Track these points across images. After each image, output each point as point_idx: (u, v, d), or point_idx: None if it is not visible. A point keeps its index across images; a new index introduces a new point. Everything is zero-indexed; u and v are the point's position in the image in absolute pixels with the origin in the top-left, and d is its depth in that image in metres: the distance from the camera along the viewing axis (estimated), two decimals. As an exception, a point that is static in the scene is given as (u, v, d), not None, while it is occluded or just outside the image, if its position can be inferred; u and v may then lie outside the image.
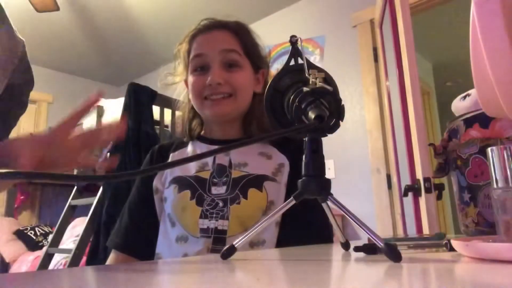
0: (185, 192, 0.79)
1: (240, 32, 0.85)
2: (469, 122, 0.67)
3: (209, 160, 0.83)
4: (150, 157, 0.91)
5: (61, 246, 2.49)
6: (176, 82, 0.93)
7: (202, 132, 0.92)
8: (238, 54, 0.83)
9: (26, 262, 2.82)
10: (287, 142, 0.85)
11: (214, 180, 0.80)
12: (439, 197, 1.50)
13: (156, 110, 1.62)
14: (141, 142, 1.41)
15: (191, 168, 0.83)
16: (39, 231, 3.20)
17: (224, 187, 0.78)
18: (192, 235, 0.76)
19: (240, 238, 0.44)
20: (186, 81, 0.90)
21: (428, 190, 1.27)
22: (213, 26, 0.85)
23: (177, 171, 0.83)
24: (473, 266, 0.34)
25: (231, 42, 0.83)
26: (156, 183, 0.85)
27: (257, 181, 0.79)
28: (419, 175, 1.32)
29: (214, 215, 0.76)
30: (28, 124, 3.87)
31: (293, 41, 0.49)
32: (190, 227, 0.77)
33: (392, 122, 2.04)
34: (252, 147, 0.84)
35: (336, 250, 0.55)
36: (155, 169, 0.86)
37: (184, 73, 0.89)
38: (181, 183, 0.81)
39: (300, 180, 0.43)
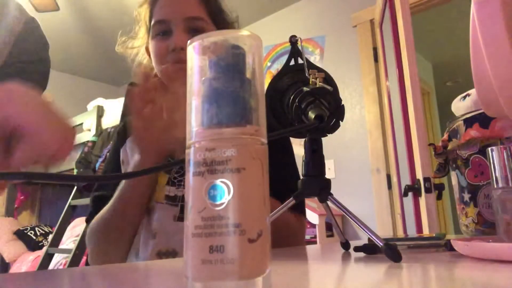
0: None
1: None
2: (469, 122, 0.67)
3: None
4: (119, 137, 0.85)
5: (61, 246, 2.49)
6: (136, 47, 0.84)
7: None
8: (205, 22, 0.75)
9: (26, 262, 2.82)
10: None
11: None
12: (439, 197, 1.50)
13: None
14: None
15: None
16: (39, 231, 3.20)
17: None
18: (157, 201, 0.72)
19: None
20: (147, 48, 0.83)
21: (428, 190, 1.27)
22: None
23: None
24: (473, 266, 0.34)
25: (197, 8, 0.75)
26: (122, 155, 0.79)
27: None
28: (419, 175, 1.32)
29: (182, 183, 0.73)
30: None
31: (293, 41, 0.49)
32: (156, 193, 0.73)
33: (392, 122, 2.04)
34: None
35: (336, 250, 0.55)
36: (155, 170, 0.85)
37: (146, 37, 0.82)
38: None
39: (300, 180, 0.43)
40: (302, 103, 0.41)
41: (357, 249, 0.45)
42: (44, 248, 2.54)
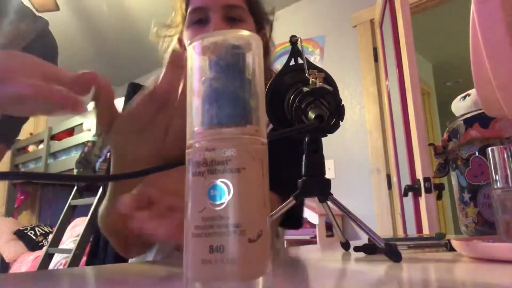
0: None
1: None
2: (469, 122, 0.67)
3: None
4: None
5: (61, 246, 2.49)
6: (170, 35, 0.82)
7: None
8: (243, 10, 0.73)
9: (26, 262, 2.82)
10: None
11: None
12: (439, 197, 1.50)
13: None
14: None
15: None
16: (39, 231, 3.19)
17: None
18: None
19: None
20: (179, 39, 0.81)
21: (428, 190, 1.27)
22: None
23: None
24: (473, 266, 0.34)
25: None
26: None
27: None
28: (419, 175, 1.32)
29: None
30: (27, 123, 3.86)
31: (293, 41, 0.49)
32: None
33: (392, 122, 2.04)
34: None
35: (336, 250, 0.55)
36: (155, 171, 0.85)
37: (181, 26, 0.80)
38: None
39: (300, 180, 0.43)
40: (302, 103, 0.41)
41: (357, 249, 0.45)
42: (44, 248, 2.54)
